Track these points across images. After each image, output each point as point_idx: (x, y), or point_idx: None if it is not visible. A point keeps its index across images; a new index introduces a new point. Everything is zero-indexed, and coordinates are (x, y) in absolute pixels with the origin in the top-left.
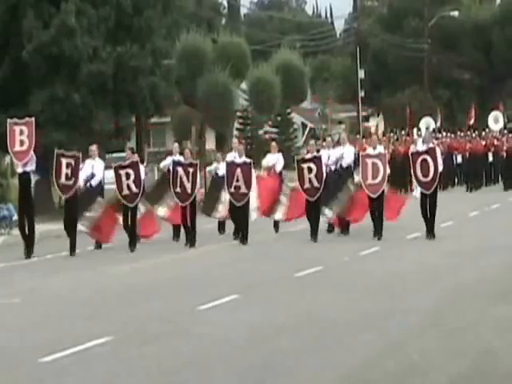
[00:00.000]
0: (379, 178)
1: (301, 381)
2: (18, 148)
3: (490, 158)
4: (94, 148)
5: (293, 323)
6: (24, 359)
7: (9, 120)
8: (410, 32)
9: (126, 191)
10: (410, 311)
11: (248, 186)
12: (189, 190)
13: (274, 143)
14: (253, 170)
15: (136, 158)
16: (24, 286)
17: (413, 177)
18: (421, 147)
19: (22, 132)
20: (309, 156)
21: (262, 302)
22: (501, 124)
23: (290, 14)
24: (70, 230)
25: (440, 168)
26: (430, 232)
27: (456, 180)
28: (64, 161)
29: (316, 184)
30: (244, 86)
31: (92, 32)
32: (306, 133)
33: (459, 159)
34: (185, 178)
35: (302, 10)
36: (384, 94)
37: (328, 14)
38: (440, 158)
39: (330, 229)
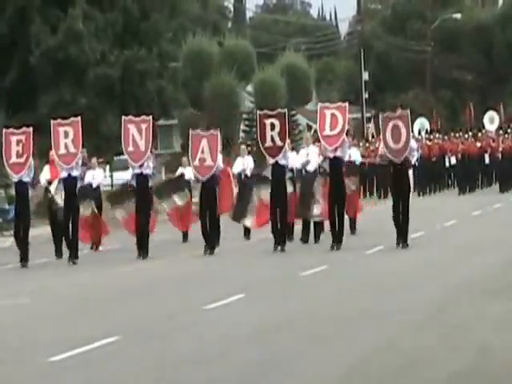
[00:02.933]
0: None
1: (301, 378)
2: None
3: (487, 160)
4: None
5: (296, 320)
6: (33, 358)
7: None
8: (412, 34)
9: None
10: (410, 309)
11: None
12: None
13: (243, 146)
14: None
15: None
16: (32, 287)
17: (381, 142)
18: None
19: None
20: (272, 112)
21: (267, 300)
22: (496, 124)
23: (295, 16)
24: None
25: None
26: (403, 241)
27: (449, 182)
28: (14, 138)
29: (279, 143)
30: (250, 88)
31: (99, 36)
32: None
33: (453, 161)
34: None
35: (307, 13)
36: (388, 95)
37: (332, 17)
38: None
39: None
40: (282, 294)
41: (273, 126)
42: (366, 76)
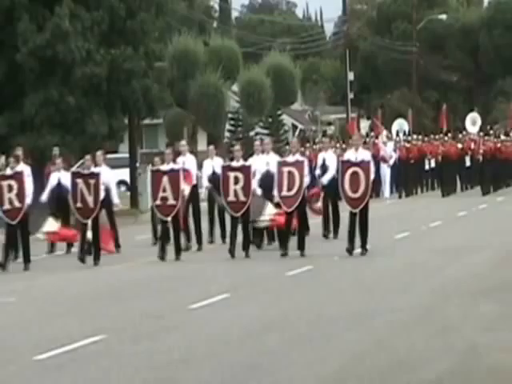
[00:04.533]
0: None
1: (288, 377)
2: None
3: (468, 163)
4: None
5: (282, 321)
6: (20, 356)
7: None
8: (398, 35)
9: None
10: (398, 309)
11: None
12: (91, 205)
13: (211, 147)
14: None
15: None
16: (19, 285)
17: (339, 188)
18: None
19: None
20: (236, 164)
21: (253, 300)
22: (478, 126)
23: (281, 17)
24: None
25: (372, 177)
26: (364, 247)
27: (430, 184)
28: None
29: (242, 198)
30: (235, 87)
31: (86, 35)
32: (296, 134)
33: (432, 163)
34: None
35: (293, 13)
36: (373, 95)
37: (318, 17)
38: (373, 169)
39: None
40: (268, 294)
41: (236, 180)
42: (351, 76)
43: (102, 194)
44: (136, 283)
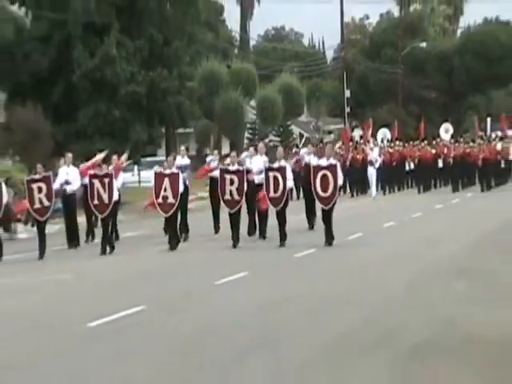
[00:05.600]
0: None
1: (295, 344)
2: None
3: (440, 164)
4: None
5: (293, 295)
6: (75, 324)
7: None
8: (386, 60)
9: (37, 205)
10: (383, 289)
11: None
12: (106, 201)
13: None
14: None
15: (48, 172)
16: (74, 266)
17: (312, 189)
18: (323, 161)
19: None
20: (232, 168)
21: (268, 277)
22: (450, 134)
23: (290, 44)
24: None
25: (340, 182)
26: (329, 241)
27: (410, 183)
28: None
29: (236, 197)
30: (253, 102)
31: (129, 60)
32: (303, 141)
33: (412, 165)
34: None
35: (300, 41)
36: (366, 109)
37: (320, 45)
38: (340, 174)
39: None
40: (281, 272)
41: (232, 182)
42: (348, 93)
43: (116, 192)
44: (165, 266)
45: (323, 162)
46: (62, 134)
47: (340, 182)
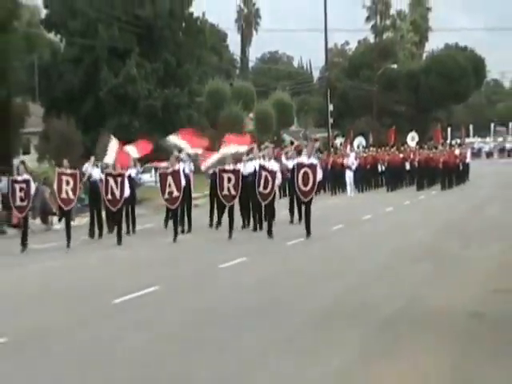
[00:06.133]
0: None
1: (288, 310)
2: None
3: (407, 167)
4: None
5: (287, 275)
6: (101, 300)
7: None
8: (364, 79)
9: (64, 195)
10: (360, 269)
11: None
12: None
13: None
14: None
15: (76, 170)
16: (99, 253)
17: (295, 184)
18: (306, 160)
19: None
20: (228, 167)
21: (265, 261)
22: (415, 141)
23: (283, 66)
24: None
25: (319, 177)
26: (308, 232)
27: (381, 183)
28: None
29: (233, 192)
30: (251, 115)
31: (147, 79)
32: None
33: (383, 168)
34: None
35: (291, 63)
36: (346, 121)
37: (308, 67)
38: (320, 172)
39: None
40: (276, 257)
41: (229, 179)
42: (331, 107)
43: (127, 189)
44: (175, 252)
45: (305, 160)
46: (90, 142)
47: (319, 177)
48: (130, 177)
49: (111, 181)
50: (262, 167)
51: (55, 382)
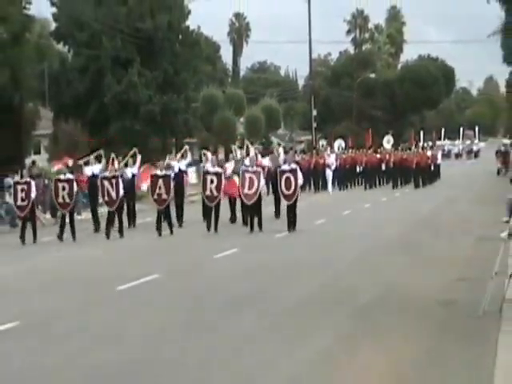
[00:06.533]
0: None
1: (275, 296)
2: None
3: (383, 168)
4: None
5: (274, 264)
6: (106, 287)
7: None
8: (344, 86)
9: (60, 200)
10: (340, 259)
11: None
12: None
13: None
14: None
15: (72, 176)
16: (103, 245)
17: (278, 189)
18: (286, 166)
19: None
20: (211, 170)
21: (255, 252)
22: (391, 144)
23: (271, 74)
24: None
25: (300, 182)
26: (293, 228)
27: (359, 182)
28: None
29: (215, 193)
30: (242, 120)
31: (148, 86)
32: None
33: (361, 168)
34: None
35: (278, 72)
36: (328, 125)
37: (294, 75)
38: (300, 176)
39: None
40: (265, 248)
41: (212, 181)
42: (314, 112)
43: (121, 190)
44: (173, 244)
45: (286, 167)
46: (96, 143)
47: (300, 182)
48: (133, 176)
49: (107, 183)
50: (245, 170)
51: (63, 363)
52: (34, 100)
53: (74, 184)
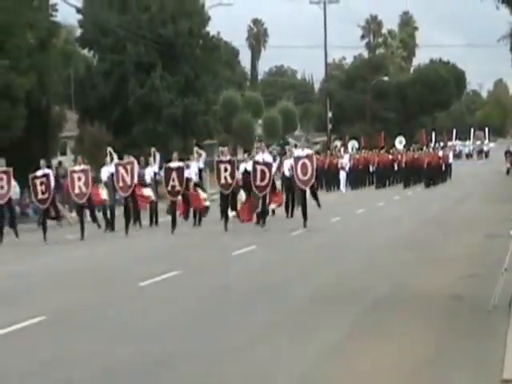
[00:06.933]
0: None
1: (287, 293)
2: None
3: (396, 168)
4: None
5: (289, 260)
6: (129, 283)
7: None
8: (358, 89)
9: (77, 190)
10: (351, 257)
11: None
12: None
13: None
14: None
15: (87, 166)
16: (123, 242)
17: (294, 175)
18: (301, 151)
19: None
20: (224, 159)
21: (272, 248)
22: (403, 144)
23: (288, 78)
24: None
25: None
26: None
27: (371, 181)
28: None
29: (229, 180)
30: (260, 121)
31: (170, 90)
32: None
33: (373, 168)
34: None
35: (295, 76)
36: (343, 127)
37: (310, 79)
38: (314, 159)
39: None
40: (282, 245)
41: (225, 169)
42: (330, 115)
43: (136, 177)
44: (193, 241)
45: (302, 153)
46: (119, 145)
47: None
48: (155, 174)
49: (121, 169)
50: (255, 163)
51: (88, 355)
52: (61, 103)
53: (89, 174)
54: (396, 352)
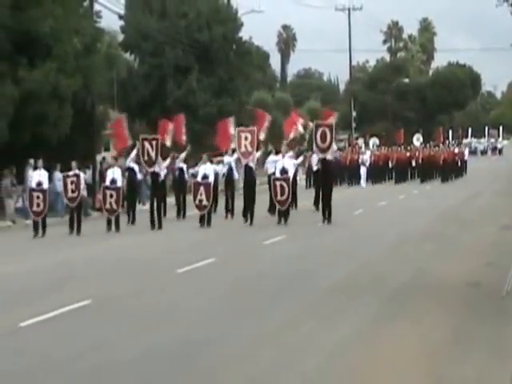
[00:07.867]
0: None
1: (313, 281)
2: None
3: (413, 164)
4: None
5: (312, 251)
6: (167, 270)
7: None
8: (381, 90)
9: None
10: (373, 247)
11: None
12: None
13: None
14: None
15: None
16: (159, 235)
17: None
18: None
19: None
20: (245, 128)
21: (297, 239)
22: (420, 141)
23: (315, 80)
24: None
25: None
26: (328, 220)
27: (391, 177)
28: (69, 180)
29: (249, 149)
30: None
31: (205, 91)
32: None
33: (392, 164)
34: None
35: (321, 78)
36: (366, 125)
37: (335, 81)
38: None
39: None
40: (305, 236)
41: (246, 138)
42: (354, 114)
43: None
44: (225, 232)
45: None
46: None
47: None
48: (181, 169)
49: (147, 143)
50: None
51: (131, 339)
52: (104, 103)
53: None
54: (416, 335)
